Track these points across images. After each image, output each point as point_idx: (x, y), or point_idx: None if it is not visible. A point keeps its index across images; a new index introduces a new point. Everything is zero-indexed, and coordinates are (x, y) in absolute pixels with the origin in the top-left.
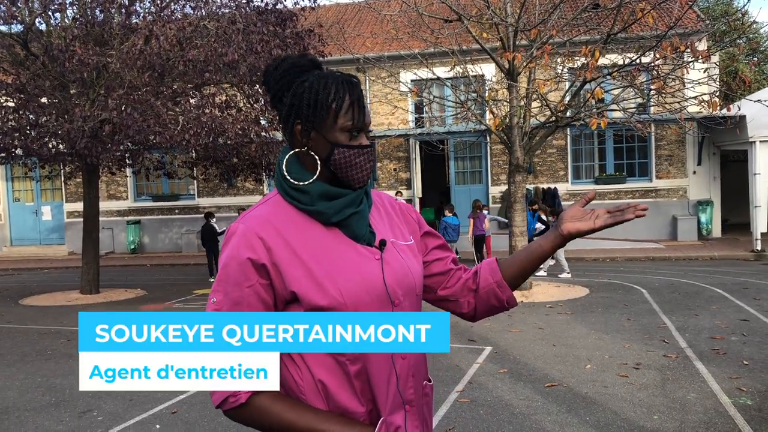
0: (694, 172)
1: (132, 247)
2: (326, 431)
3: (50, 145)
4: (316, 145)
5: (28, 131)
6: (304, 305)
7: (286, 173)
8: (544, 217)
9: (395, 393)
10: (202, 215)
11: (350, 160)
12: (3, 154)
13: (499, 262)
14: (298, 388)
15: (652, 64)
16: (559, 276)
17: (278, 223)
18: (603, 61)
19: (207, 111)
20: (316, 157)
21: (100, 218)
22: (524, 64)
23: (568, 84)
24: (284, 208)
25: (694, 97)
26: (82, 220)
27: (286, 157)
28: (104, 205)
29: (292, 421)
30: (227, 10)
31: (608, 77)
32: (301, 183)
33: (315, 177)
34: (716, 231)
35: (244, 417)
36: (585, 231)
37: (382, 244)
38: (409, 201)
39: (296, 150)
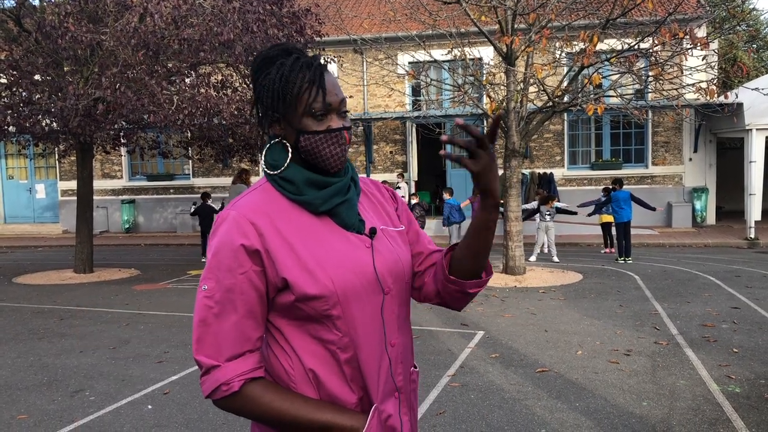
0: (690, 159)
1: (126, 226)
2: (319, 419)
3: (43, 123)
4: (287, 134)
5: (20, 108)
6: (296, 293)
7: (263, 162)
8: (559, 204)
9: (386, 380)
10: (199, 195)
11: (316, 146)
12: None
13: (452, 256)
14: (288, 378)
15: (651, 50)
16: (552, 257)
17: (269, 210)
18: (601, 46)
19: (202, 91)
20: (288, 146)
21: (95, 197)
22: (522, 48)
23: (565, 69)
24: (274, 196)
25: (692, 84)
26: (76, 198)
27: (267, 146)
28: (98, 184)
29: (284, 409)
30: None
31: (606, 63)
32: (275, 171)
33: (286, 164)
34: (711, 218)
35: (235, 406)
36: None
37: (372, 232)
38: (406, 184)
39: (273, 140)
